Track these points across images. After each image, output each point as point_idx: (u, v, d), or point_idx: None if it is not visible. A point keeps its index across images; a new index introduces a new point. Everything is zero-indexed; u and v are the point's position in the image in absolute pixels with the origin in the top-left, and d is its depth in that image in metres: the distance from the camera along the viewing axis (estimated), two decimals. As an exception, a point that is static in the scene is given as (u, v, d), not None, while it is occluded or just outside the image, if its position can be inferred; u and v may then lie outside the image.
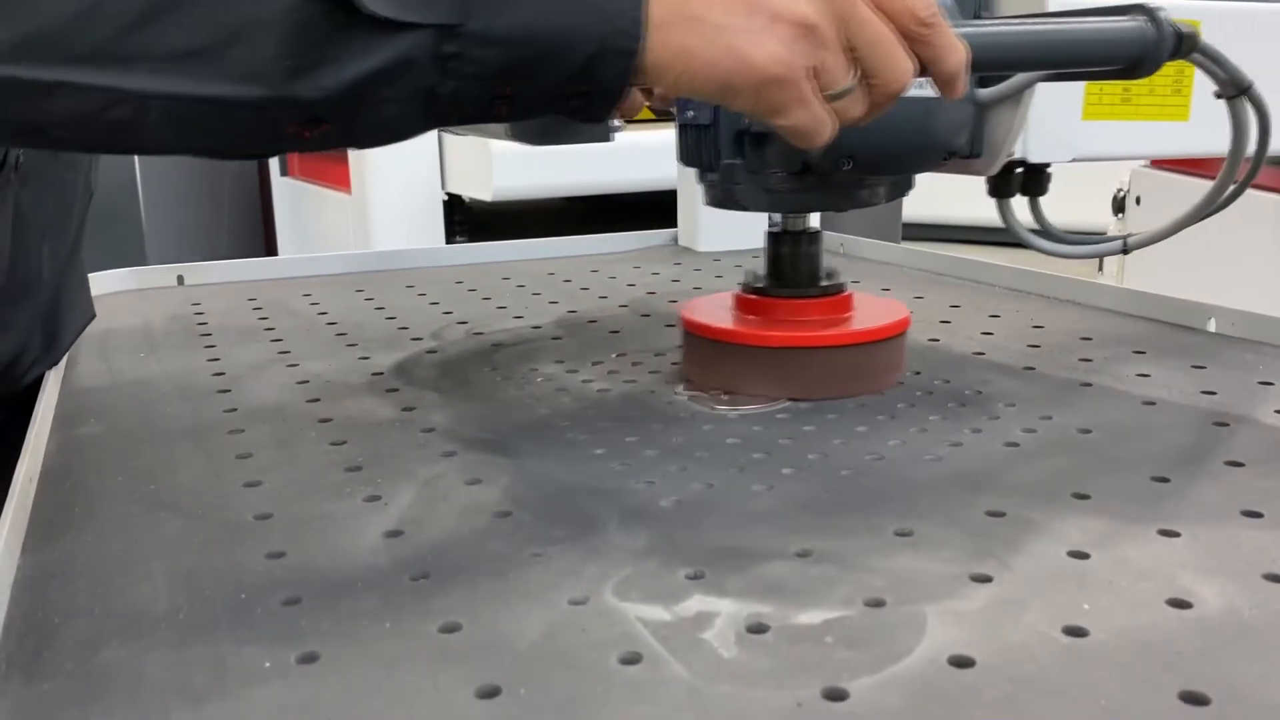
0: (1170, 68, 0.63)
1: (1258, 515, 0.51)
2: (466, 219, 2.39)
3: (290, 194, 2.87)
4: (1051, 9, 0.69)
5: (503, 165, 2.11)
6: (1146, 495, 0.54)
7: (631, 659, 0.39)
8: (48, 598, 0.44)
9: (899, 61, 0.50)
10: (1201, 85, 0.73)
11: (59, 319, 0.78)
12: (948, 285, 1.05)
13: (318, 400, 0.71)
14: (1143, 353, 0.80)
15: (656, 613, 0.42)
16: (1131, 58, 0.57)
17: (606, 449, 0.61)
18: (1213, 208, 0.74)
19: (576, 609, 0.43)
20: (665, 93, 0.51)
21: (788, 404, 0.69)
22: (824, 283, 0.73)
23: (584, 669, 0.39)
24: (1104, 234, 0.83)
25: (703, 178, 0.72)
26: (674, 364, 0.79)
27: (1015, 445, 0.61)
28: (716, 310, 0.75)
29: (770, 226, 0.75)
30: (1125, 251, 0.79)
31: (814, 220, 0.75)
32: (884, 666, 0.38)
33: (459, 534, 0.51)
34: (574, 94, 0.47)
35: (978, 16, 0.69)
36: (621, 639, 0.40)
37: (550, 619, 0.42)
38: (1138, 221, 2.59)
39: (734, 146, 0.68)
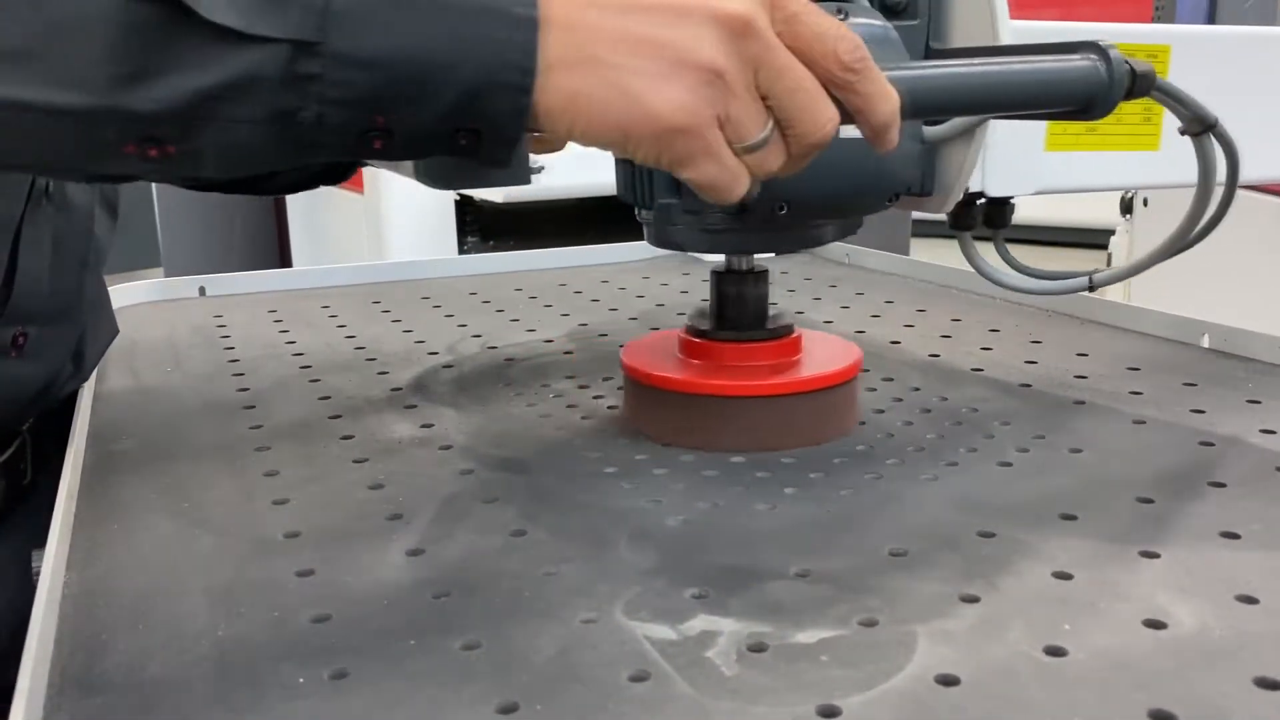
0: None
1: (1235, 536, 0.54)
2: (478, 220, 2.42)
3: (303, 194, 2.89)
4: (1004, 41, 0.65)
5: (515, 167, 2.14)
6: (1131, 516, 0.57)
7: (640, 676, 0.42)
8: (95, 614, 0.48)
9: (820, 111, 0.46)
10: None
11: (85, 340, 0.81)
12: (950, 297, 1.08)
13: (339, 417, 0.74)
14: (1136, 369, 0.82)
15: (663, 631, 0.45)
16: (1083, 98, 0.55)
17: (617, 467, 0.64)
18: (1181, 245, 0.71)
19: (588, 627, 0.46)
20: (560, 139, 0.46)
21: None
22: (771, 324, 0.70)
23: (596, 686, 0.41)
24: (1075, 271, 0.79)
25: (639, 214, 0.69)
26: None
27: (1008, 465, 0.64)
28: (659, 354, 0.71)
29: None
30: (1091, 289, 0.76)
31: (761, 258, 0.70)
32: (875, 684, 0.41)
33: (477, 552, 0.54)
34: (461, 131, 0.44)
35: (928, 50, 0.67)
36: (631, 657, 0.43)
37: (564, 637, 0.45)
38: (1146, 223, 2.61)
39: (670, 185, 0.65)
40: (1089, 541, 0.53)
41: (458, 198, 2.35)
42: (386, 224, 2.34)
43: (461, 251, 2.35)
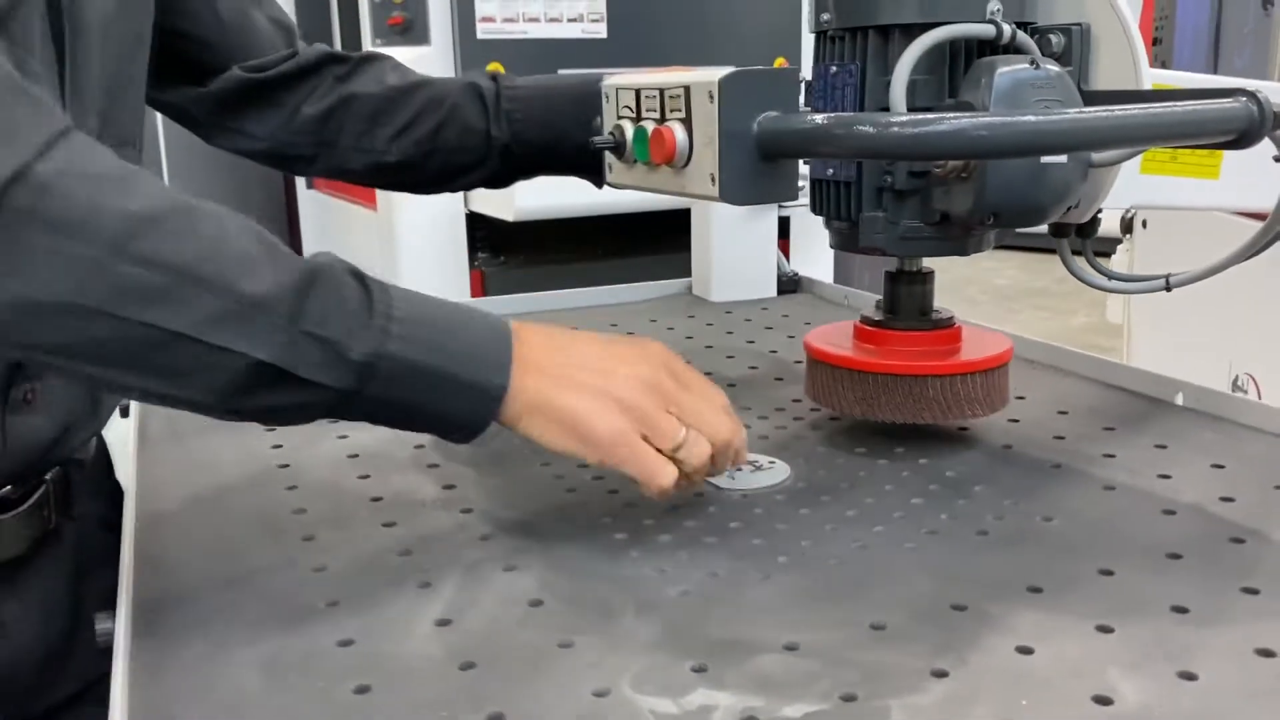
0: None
1: (1185, 611, 0.59)
2: (489, 236, 2.48)
3: (317, 208, 2.96)
4: (1146, 85, 0.77)
5: (525, 186, 2.20)
6: (1092, 589, 0.62)
7: (645, 750, 0.48)
8: (162, 685, 0.54)
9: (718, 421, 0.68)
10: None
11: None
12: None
13: (368, 477, 0.80)
14: (1112, 429, 0.88)
15: (666, 705, 0.51)
16: (1240, 132, 0.66)
17: (626, 534, 0.70)
18: (1249, 254, 0.82)
19: (599, 701, 0.52)
20: None
21: (786, 484, 0.77)
22: (935, 317, 0.84)
23: (606, 759, 0.47)
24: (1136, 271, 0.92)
25: (829, 224, 0.82)
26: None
27: (984, 534, 0.69)
28: (839, 339, 0.86)
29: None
30: (1168, 289, 0.87)
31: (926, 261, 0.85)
32: (851, 759, 0.47)
33: (499, 623, 0.59)
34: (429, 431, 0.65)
35: (1079, 89, 0.76)
36: (637, 730, 0.49)
37: (578, 711, 0.51)
38: (1144, 243, 2.67)
39: (875, 200, 0.77)
40: (1051, 615, 0.59)
41: (468, 212, 2.41)
42: (399, 239, 2.40)
43: (472, 266, 2.41)
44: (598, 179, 0.99)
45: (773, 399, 0.97)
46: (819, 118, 0.69)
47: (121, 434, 0.93)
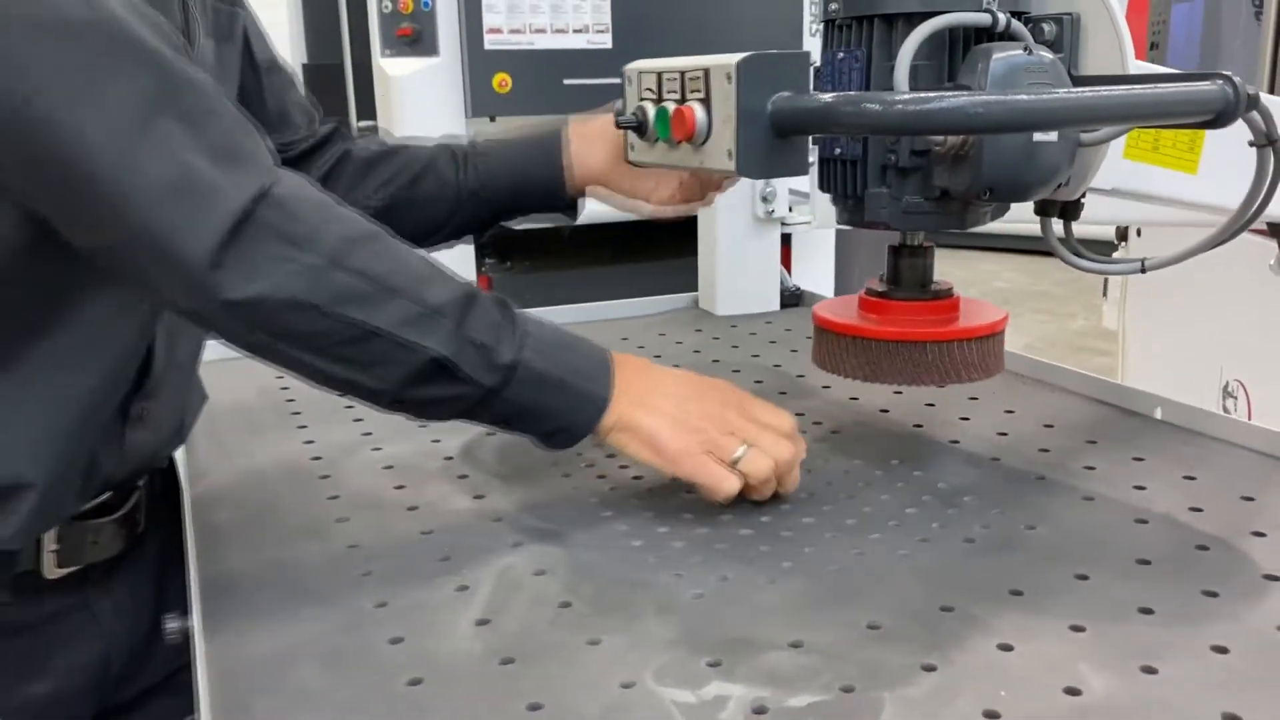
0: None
1: (1150, 612, 0.66)
2: (495, 243, 2.54)
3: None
4: (1131, 71, 0.82)
5: (532, 194, 2.26)
6: (1067, 592, 0.69)
7: (668, 735, 0.54)
8: (238, 681, 0.60)
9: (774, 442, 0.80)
10: (1210, 146, 0.90)
11: (185, 406, 0.93)
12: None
13: (404, 487, 0.87)
14: (1094, 442, 0.94)
15: (685, 696, 0.58)
16: (1218, 112, 0.71)
17: (643, 540, 0.77)
18: (1222, 239, 0.86)
19: (627, 692, 0.58)
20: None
21: (791, 494, 0.84)
22: (934, 288, 0.88)
23: (634, 743, 0.54)
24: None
25: (836, 200, 0.86)
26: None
27: (971, 541, 0.76)
28: (844, 309, 0.90)
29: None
30: (1143, 271, 0.92)
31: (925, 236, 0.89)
32: (849, 743, 0.54)
33: (533, 623, 0.66)
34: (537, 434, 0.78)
35: (1069, 74, 0.82)
36: (661, 719, 0.56)
37: (607, 701, 0.57)
38: (1138, 249, 2.74)
39: (879, 177, 0.81)
40: (1030, 617, 0.66)
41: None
42: (407, 245, 2.46)
43: (480, 271, 2.47)
44: (570, 214, 1.09)
45: (777, 412, 1.04)
46: (829, 96, 0.73)
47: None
